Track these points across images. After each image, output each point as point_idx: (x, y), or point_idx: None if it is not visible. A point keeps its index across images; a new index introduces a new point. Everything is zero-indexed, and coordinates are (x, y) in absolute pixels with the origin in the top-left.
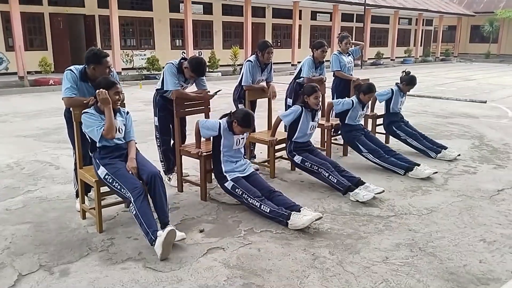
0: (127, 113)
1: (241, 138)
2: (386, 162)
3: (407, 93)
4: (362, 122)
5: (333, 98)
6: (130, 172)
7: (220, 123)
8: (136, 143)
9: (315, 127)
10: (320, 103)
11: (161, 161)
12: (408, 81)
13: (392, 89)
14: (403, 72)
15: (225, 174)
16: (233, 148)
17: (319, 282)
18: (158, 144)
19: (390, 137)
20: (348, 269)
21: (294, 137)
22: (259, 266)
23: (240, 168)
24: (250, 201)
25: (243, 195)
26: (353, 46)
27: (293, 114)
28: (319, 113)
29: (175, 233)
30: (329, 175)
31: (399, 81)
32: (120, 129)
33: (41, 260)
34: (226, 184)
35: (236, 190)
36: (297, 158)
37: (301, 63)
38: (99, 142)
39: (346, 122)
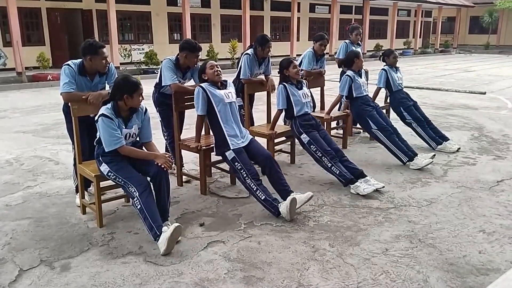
0: (145, 111)
1: (228, 93)
2: (394, 144)
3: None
4: (368, 93)
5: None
6: (163, 166)
7: (199, 87)
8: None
9: (308, 94)
10: (321, 96)
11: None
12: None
13: (383, 69)
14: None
15: (228, 140)
16: (226, 102)
17: (319, 274)
18: (166, 138)
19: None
20: (348, 261)
21: (295, 113)
22: (260, 259)
23: (240, 135)
24: (247, 181)
25: (242, 171)
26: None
27: (281, 96)
28: (304, 82)
29: (181, 230)
30: (332, 165)
31: (384, 61)
32: (134, 135)
33: (42, 255)
34: (227, 153)
35: (236, 163)
36: (304, 138)
37: (301, 56)
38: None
39: (354, 96)
